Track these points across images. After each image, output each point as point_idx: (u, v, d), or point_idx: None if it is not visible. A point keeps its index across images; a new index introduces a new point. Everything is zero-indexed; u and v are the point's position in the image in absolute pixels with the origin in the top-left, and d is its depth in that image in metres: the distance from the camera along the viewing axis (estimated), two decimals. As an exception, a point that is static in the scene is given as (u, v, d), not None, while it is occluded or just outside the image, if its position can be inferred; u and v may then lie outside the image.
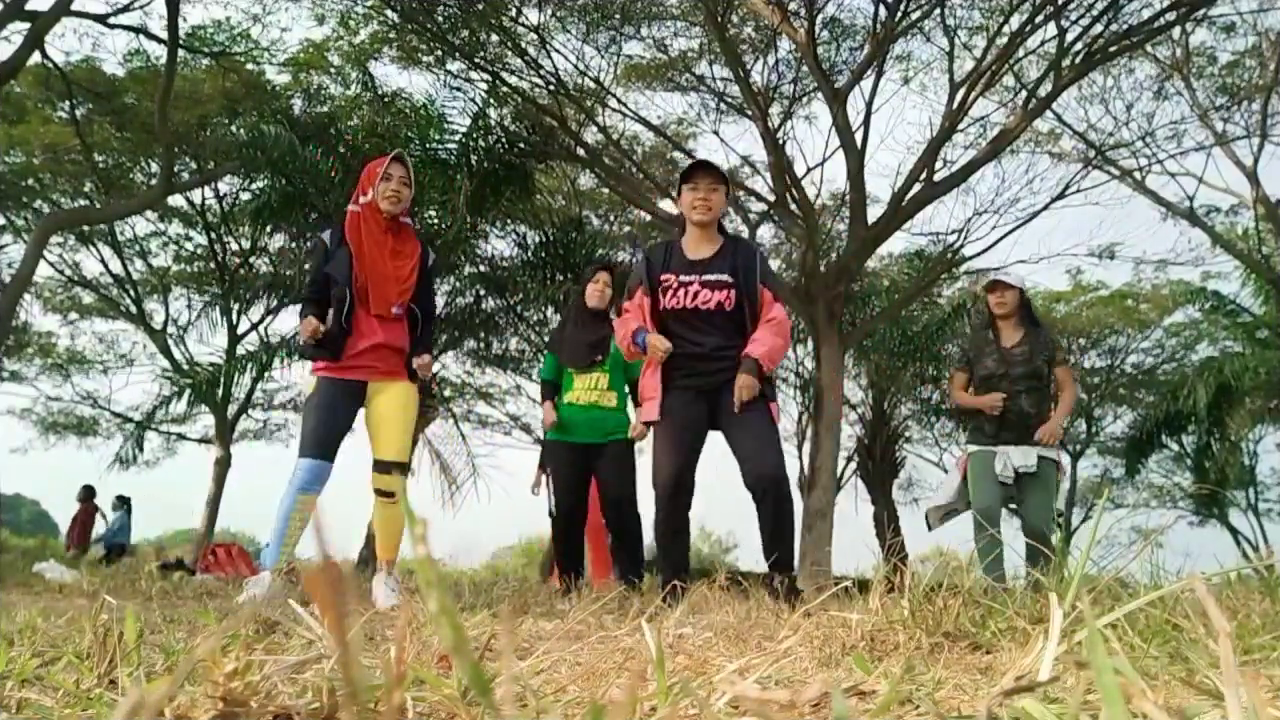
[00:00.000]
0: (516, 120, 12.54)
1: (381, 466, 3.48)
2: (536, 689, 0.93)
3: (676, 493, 3.44)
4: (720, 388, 3.46)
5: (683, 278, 3.54)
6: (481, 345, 15.40)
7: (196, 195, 16.19)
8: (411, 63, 13.11)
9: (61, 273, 17.52)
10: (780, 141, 12.03)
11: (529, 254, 13.47)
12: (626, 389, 4.73)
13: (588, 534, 6.49)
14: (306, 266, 3.58)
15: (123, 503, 12.97)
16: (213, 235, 16.84)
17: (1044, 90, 11.13)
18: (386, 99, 12.80)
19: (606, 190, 14.96)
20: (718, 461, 3.59)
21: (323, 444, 3.40)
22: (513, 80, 12.27)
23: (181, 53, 12.14)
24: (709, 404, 3.49)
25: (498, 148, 12.07)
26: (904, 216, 11.60)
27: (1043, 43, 11.31)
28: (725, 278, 3.51)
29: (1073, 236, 33.50)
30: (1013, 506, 4.62)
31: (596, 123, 12.84)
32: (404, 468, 3.54)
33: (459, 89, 12.69)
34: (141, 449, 14.27)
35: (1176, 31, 12.40)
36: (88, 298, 18.40)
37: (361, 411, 3.54)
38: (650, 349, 3.45)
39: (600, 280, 4.74)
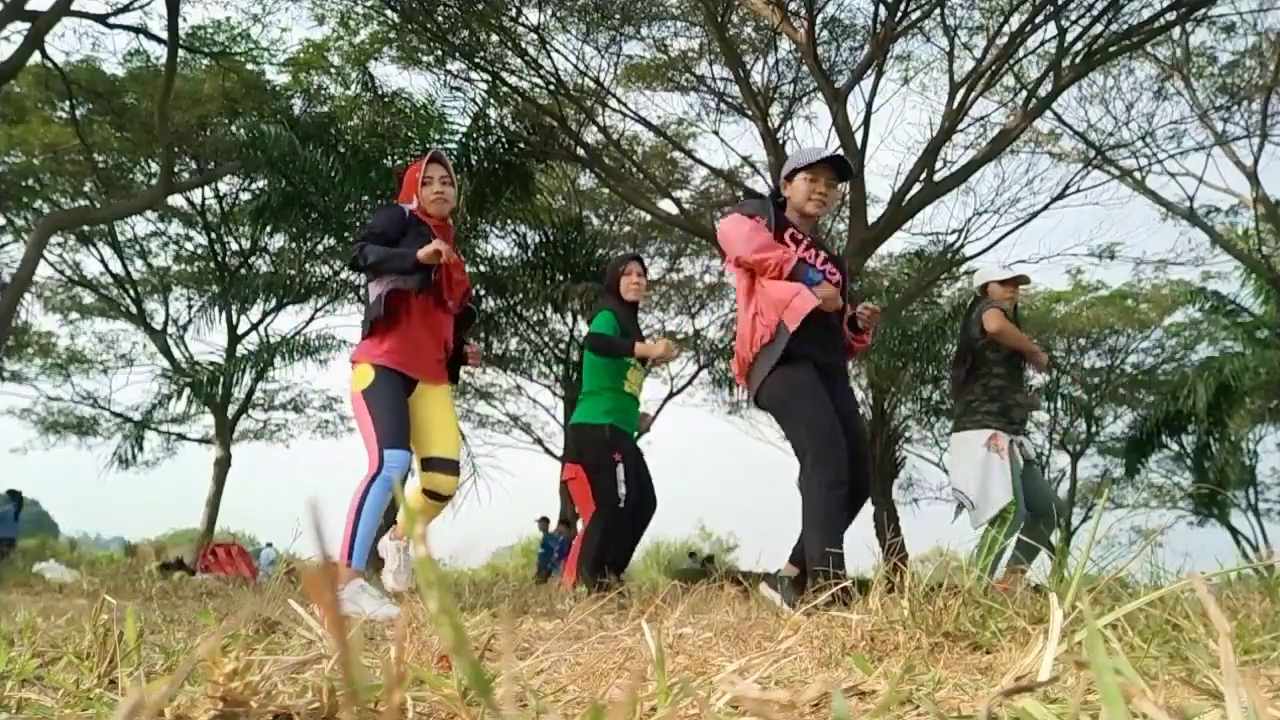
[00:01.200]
0: (516, 120, 12.54)
1: (448, 466, 3.31)
2: (536, 689, 0.93)
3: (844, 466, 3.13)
4: (834, 372, 3.27)
5: (809, 247, 3.34)
6: (481, 345, 15.40)
7: (196, 195, 16.20)
8: (411, 63, 13.12)
9: (61, 273, 17.54)
10: (780, 141, 12.03)
11: (529, 254, 13.47)
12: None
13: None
14: (369, 223, 3.31)
15: (13, 497, 12.96)
16: (213, 235, 16.85)
17: (1044, 90, 11.13)
18: (386, 99, 12.80)
19: (606, 190, 14.96)
20: (717, 461, 3.53)
21: (405, 432, 3.18)
22: (513, 80, 12.28)
23: (181, 53, 12.14)
24: (829, 384, 3.21)
25: (498, 148, 12.07)
26: (904, 216, 11.61)
27: (1043, 43, 11.33)
28: (837, 271, 3.38)
29: (1073, 236, 33.64)
30: None
31: (596, 123, 12.85)
32: (459, 467, 3.44)
33: (459, 89, 12.71)
34: (141, 448, 14.27)
35: (1176, 31, 12.40)
36: (88, 298, 18.41)
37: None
38: (826, 299, 3.13)
39: (633, 272, 4.58)
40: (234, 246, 17.09)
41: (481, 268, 14.02)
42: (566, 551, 14.79)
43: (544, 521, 14.40)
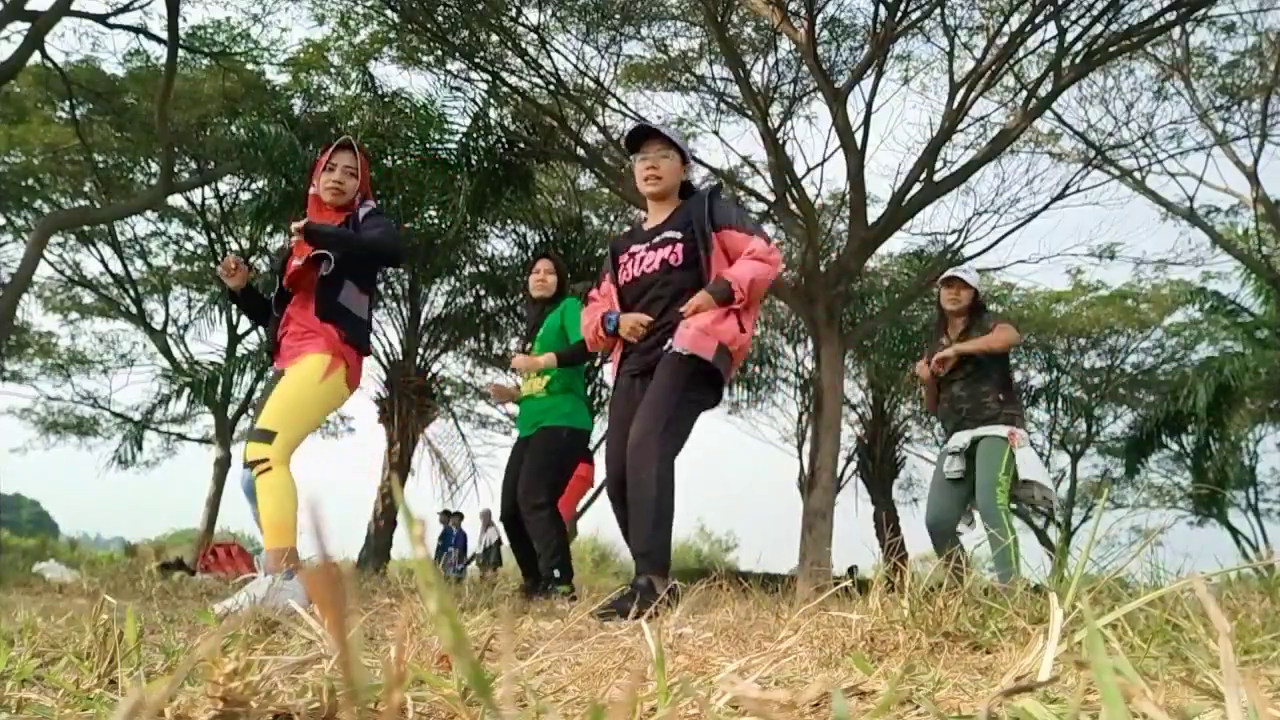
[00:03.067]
0: (516, 120, 12.54)
1: (251, 434, 3.15)
2: (536, 689, 0.93)
3: (617, 492, 3.07)
4: (647, 367, 3.12)
5: (633, 249, 3.27)
6: (481, 345, 15.40)
7: (196, 195, 16.20)
8: (411, 63, 13.11)
9: (61, 273, 17.54)
10: (780, 141, 12.03)
11: (529, 254, 13.47)
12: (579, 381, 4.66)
13: None
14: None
15: None
16: (213, 235, 16.86)
17: (1044, 90, 11.13)
18: (386, 99, 12.80)
19: (606, 190, 14.96)
20: (716, 461, 3.52)
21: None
22: (513, 80, 12.27)
23: (181, 53, 12.14)
24: (641, 387, 3.13)
25: (498, 148, 12.07)
26: (904, 216, 11.60)
27: (1043, 43, 11.32)
28: (673, 234, 3.16)
29: (1073, 236, 33.57)
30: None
31: (596, 123, 12.84)
32: (265, 434, 3.06)
33: (459, 89, 12.70)
34: (140, 448, 14.28)
35: (1176, 31, 12.40)
36: (88, 297, 18.41)
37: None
38: (627, 330, 3.14)
39: (540, 269, 4.64)
40: (234, 246, 17.09)
41: (481, 268, 14.03)
42: (462, 545, 14.41)
43: (445, 515, 14.09)
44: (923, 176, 11.23)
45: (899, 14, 10.85)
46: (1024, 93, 11.79)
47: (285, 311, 3.27)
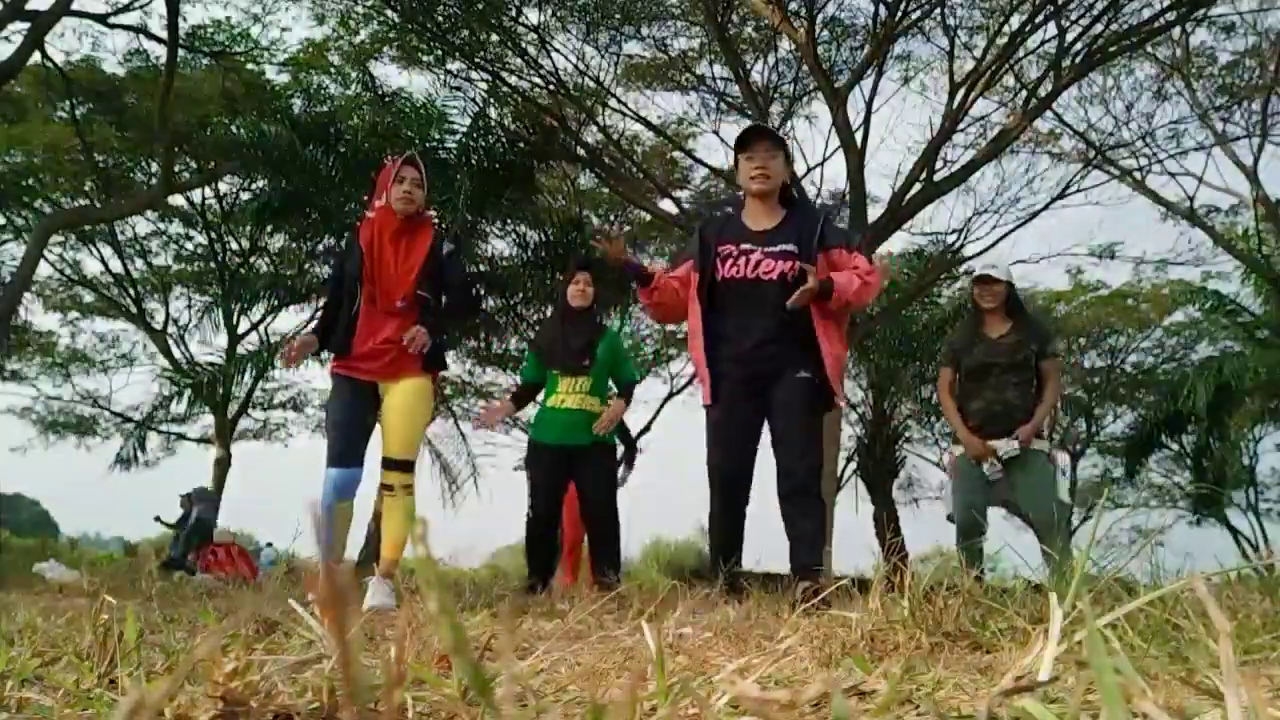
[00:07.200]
0: (516, 120, 12.54)
1: (383, 463, 3.48)
2: (536, 689, 0.93)
3: (732, 492, 3.31)
4: (772, 376, 3.26)
5: (743, 246, 3.30)
6: (481, 345, 15.39)
7: (196, 195, 16.20)
8: (411, 63, 13.11)
9: (61, 272, 17.53)
10: (780, 141, 12.02)
11: (529, 254, 13.47)
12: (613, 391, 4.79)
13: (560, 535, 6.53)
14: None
15: None
16: (213, 235, 16.85)
17: (1044, 90, 11.13)
18: (386, 99, 12.80)
19: (606, 190, 14.96)
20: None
21: (344, 452, 3.45)
22: (513, 80, 12.27)
23: (181, 53, 12.13)
24: (761, 395, 3.29)
25: (498, 147, 12.07)
26: (904, 216, 11.60)
27: (1043, 43, 11.32)
28: (791, 247, 3.25)
29: (1073, 236, 33.43)
30: (1008, 504, 4.38)
31: (596, 123, 12.84)
32: (405, 464, 3.46)
33: (459, 89, 12.70)
34: (143, 449, 14.25)
35: (1176, 31, 12.40)
36: (88, 297, 18.41)
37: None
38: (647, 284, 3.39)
39: (580, 280, 4.67)
40: (234, 246, 17.09)
41: (481, 267, 14.02)
42: (200, 531, 12.99)
43: (186, 498, 11.84)
44: (923, 176, 11.23)
45: (899, 14, 10.86)
46: (1024, 93, 11.79)
47: (373, 320, 3.49)
